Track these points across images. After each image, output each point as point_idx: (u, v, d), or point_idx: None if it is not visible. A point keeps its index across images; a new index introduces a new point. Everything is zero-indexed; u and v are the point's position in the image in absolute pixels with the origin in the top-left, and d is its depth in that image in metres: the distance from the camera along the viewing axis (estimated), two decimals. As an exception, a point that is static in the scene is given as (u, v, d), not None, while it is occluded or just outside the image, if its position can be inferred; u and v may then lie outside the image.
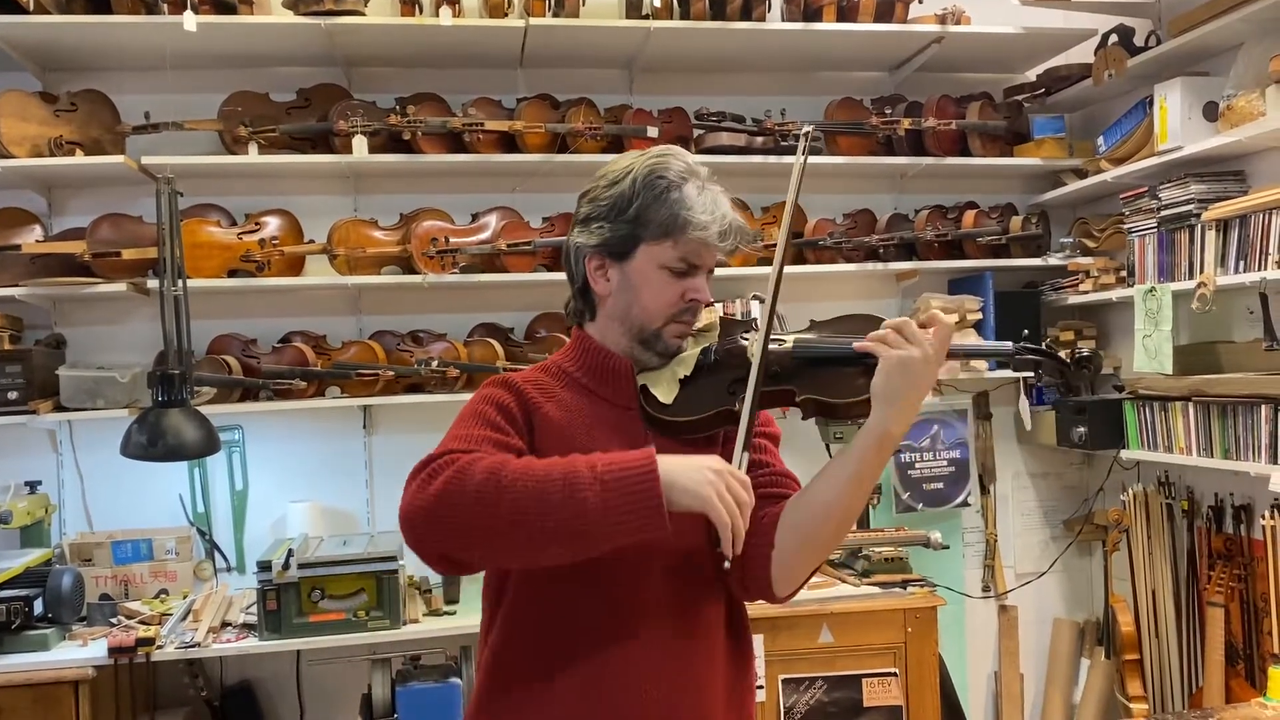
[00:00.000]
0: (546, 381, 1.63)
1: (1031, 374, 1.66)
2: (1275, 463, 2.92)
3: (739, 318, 1.81)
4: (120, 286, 3.21)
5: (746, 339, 1.62)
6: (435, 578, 3.37)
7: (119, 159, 3.19)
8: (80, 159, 3.19)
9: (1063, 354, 1.60)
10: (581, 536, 1.37)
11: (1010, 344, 1.60)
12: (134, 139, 3.35)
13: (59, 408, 3.22)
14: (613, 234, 1.58)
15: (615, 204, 1.58)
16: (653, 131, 3.49)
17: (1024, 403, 3.47)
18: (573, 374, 1.64)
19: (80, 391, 3.22)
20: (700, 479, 1.38)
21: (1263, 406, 2.96)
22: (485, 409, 1.55)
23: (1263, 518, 3.07)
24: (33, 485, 3.30)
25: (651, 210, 1.56)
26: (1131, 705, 3.57)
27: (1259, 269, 2.98)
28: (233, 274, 3.34)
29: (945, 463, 3.96)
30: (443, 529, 1.40)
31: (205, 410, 3.08)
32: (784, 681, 3.16)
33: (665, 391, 1.60)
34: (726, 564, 1.44)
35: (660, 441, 1.54)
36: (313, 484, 3.57)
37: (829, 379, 1.55)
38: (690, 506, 1.38)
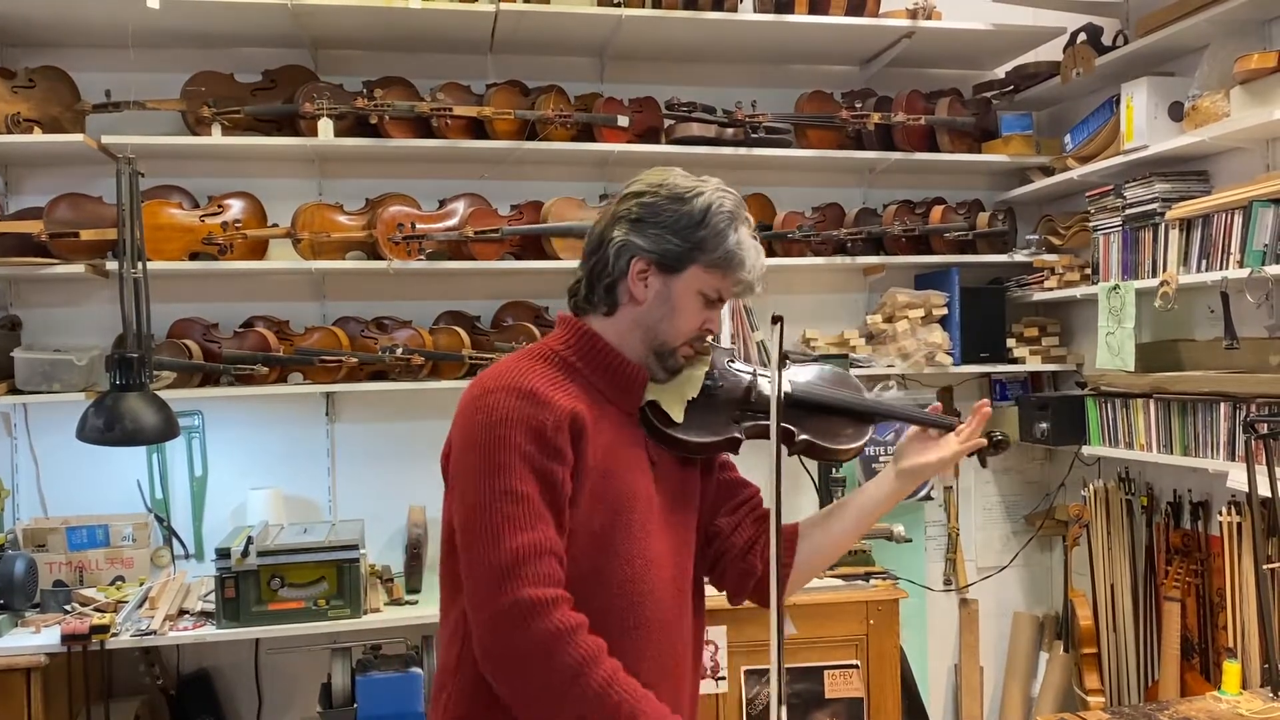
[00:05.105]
0: (562, 380, 1.57)
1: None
2: (1233, 460, 2.96)
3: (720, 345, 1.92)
4: (78, 268, 3.15)
5: (751, 373, 1.76)
6: (397, 566, 3.33)
7: (78, 138, 3.12)
8: (38, 137, 3.12)
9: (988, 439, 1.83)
10: None
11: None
12: (94, 118, 3.29)
13: (14, 390, 3.16)
14: (671, 246, 1.60)
15: (681, 220, 1.60)
16: (623, 121, 3.48)
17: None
18: (581, 370, 1.61)
19: (36, 374, 3.15)
20: None
21: (1221, 404, 3.00)
22: (525, 446, 1.47)
23: (1220, 514, 3.11)
24: (-15, 469, 3.25)
25: (714, 241, 1.61)
26: (1089, 698, 3.62)
27: (1220, 268, 3.01)
28: (194, 257, 3.29)
29: (909, 457, 3.96)
30: (530, 700, 1.43)
31: (164, 395, 3.03)
32: (746, 673, 3.16)
33: (675, 409, 1.66)
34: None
35: (660, 455, 1.66)
36: (274, 471, 3.53)
37: (825, 426, 1.76)
38: None
